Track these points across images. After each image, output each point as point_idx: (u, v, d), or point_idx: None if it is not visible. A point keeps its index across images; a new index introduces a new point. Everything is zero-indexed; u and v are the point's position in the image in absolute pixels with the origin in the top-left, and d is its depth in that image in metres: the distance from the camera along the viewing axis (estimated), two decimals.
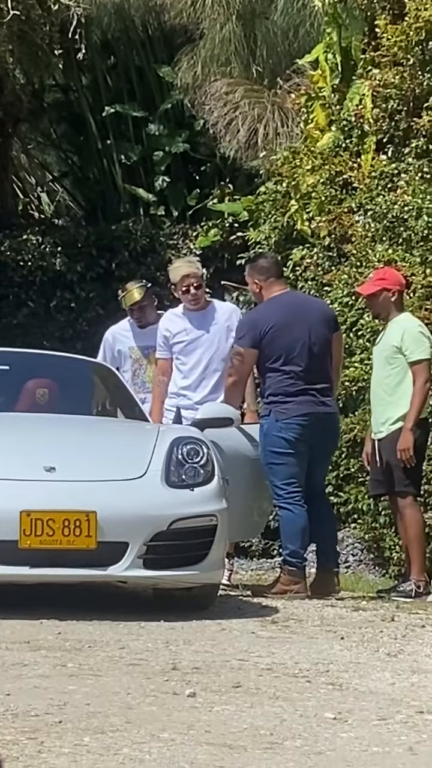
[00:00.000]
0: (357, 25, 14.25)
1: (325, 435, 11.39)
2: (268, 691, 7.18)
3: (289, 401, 11.18)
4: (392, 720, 6.58)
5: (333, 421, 11.46)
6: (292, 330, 11.29)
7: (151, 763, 5.49)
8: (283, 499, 11.20)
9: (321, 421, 11.28)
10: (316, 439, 11.29)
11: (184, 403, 11.97)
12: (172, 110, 17.95)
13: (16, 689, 6.86)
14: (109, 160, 18.36)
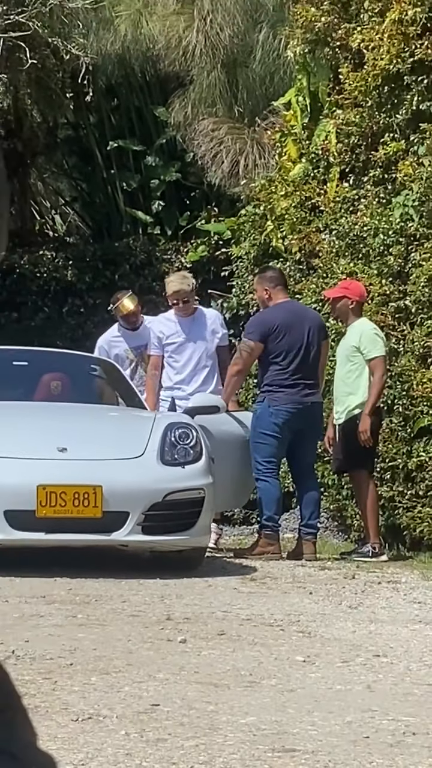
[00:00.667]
0: (323, 73, 14.24)
1: (313, 421, 11.45)
2: (248, 637, 7.17)
3: (282, 391, 11.25)
4: (353, 662, 6.57)
5: (318, 410, 11.51)
6: (293, 332, 11.35)
7: (148, 699, 5.47)
8: (262, 473, 11.24)
9: (308, 408, 11.35)
10: (303, 424, 11.34)
11: (178, 395, 12.01)
12: (167, 145, 17.92)
13: (33, 637, 6.85)
14: (112, 187, 18.33)
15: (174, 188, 18.13)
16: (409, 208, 12.88)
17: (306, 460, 11.65)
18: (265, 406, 11.30)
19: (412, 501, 12.50)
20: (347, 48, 13.70)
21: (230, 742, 4.79)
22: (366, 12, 13.54)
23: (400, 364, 12.52)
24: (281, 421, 11.23)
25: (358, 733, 5.03)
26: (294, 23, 14.46)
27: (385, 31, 13.19)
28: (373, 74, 13.28)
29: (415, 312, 12.62)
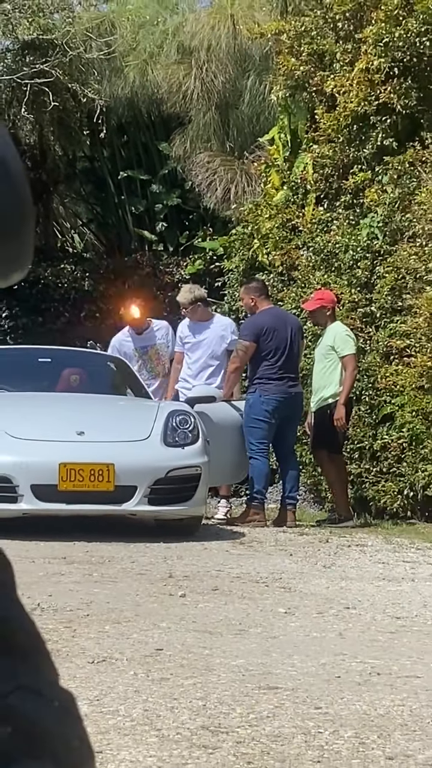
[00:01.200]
0: (302, 113, 14.22)
1: (294, 408, 11.48)
2: (238, 592, 7.17)
3: (271, 383, 11.28)
4: (327, 614, 6.57)
5: (300, 399, 11.52)
6: (279, 333, 11.38)
7: (153, 644, 5.47)
8: (255, 452, 11.27)
9: (292, 398, 11.40)
10: (288, 411, 11.36)
11: (184, 386, 12.03)
12: (169, 174, 17.90)
13: (55, 591, 6.84)
14: (122, 211, 18.31)
15: (175, 211, 18.11)
16: (374, 228, 12.88)
17: (289, 443, 11.67)
18: (257, 396, 11.32)
19: (377, 477, 12.53)
20: (322, 92, 13.70)
21: (223, 681, 4.79)
22: (338, 62, 13.54)
23: (367, 360, 12.54)
24: (271, 408, 11.25)
25: (331, 674, 5.03)
26: (277, 71, 14.45)
27: (354, 78, 13.20)
28: (344, 115, 13.29)
29: (380, 317, 12.63)
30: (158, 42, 17.60)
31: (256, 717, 4.29)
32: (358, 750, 3.95)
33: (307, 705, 4.48)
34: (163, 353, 12.86)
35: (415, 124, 13.20)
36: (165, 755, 3.79)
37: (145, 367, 12.72)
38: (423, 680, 4.98)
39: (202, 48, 17.05)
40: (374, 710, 4.46)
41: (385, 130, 13.10)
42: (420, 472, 11.85)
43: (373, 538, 10.52)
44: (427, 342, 11.71)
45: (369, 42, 13.04)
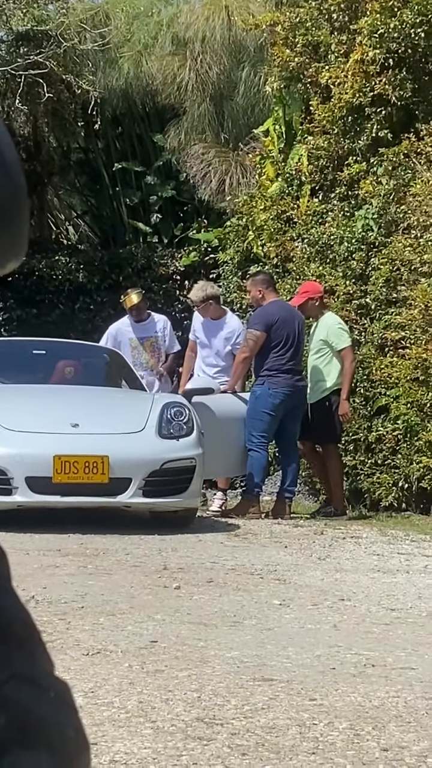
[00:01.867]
0: (296, 105, 14.22)
1: (300, 402, 11.44)
2: (232, 584, 7.18)
3: (280, 376, 11.24)
4: (321, 605, 6.58)
5: (304, 393, 11.47)
6: (287, 325, 11.35)
7: (148, 636, 5.48)
8: (256, 445, 11.25)
9: (298, 392, 11.37)
10: (293, 405, 11.33)
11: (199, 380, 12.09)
12: (163, 166, 17.89)
13: (50, 584, 6.85)
14: (117, 202, 18.31)
15: (170, 203, 18.11)
16: (369, 220, 12.88)
17: (291, 436, 11.60)
18: (265, 389, 11.28)
19: (372, 469, 12.54)
20: (317, 84, 13.69)
21: (218, 673, 4.80)
22: (333, 53, 13.53)
23: (362, 352, 12.54)
24: (279, 401, 11.23)
25: (326, 665, 5.04)
26: (271, 63, 14.44)
27: (349, 70, 13.19)
28: (338, 106, 13.28)
29: (374, 308, 12.64)
30: (153, 33, 17.59)
31: (250, 709, 4.29)
32: (352, 741, 3.96)
33: (301, 697, 4.49)
34: (159, 346, 12.89)
35: (409, 116, 13.20)
36: (160, 747, 3.80)
37: (138, 358, 12.72)
38: (418, 672, 4.99)
39: (197, 39, 17.05)
40: (369, 702, 4.47)
41: (380, 121, 13.10)
42: (415, 463, 11.86)
43: (368, 530, 10.53)
44: (422, 334, 11.72)
45: (364, 33, 13.04)
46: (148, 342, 12.87)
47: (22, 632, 0.96)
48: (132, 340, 12.86)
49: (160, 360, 12.91)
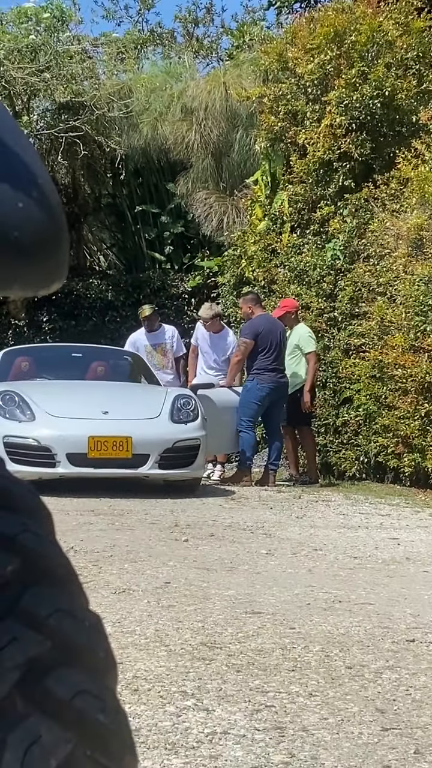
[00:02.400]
0: (279, 160, 14.18)
1: (282, 395, 11.40)
2: (229, 537, 7.18)
3: (266, 374, 11.24)
4: (299, 554, 6.58)
5: (286, 387, 11.42)
6: (272, 334, 11.36)
7: (162, 579, 5.48)
8: (244, 427, 11.25)
9: (281, 387, 11.35)
10: (276, 396, 11.30)
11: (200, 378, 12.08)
12: (175, 208, 17.83)
13: (85, 537, 6.85)
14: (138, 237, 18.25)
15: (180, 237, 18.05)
16: (337, 251, 12.86)
17: (276, 421, 11.57)
18: (254, 383, 11.27)
19: (339, 447, 12.53)
20: (295, 143, 13.67)
21: (218, 608, 4.80)
22: (308, 119, 13.50)
23: (331, 355, 12.54)
24: (264, 393, 11.22)
25: (303, 601, 5.04)
26: (260, 127, 14.41)
27: (321, 132, 13.16)
28: (312, 161, 13.26)
29: (341, 320, 12.62)
30: (166, 103, 17.53)
31: (243, 636, 4.30)
32: (324, 661, 3.97)
33: (284, 626, 4.49)
34: (168, 350, 12.90)
35: (369, 169, 13.17)
36: (172, 665, 3.80)
37: (152, 361, 12.72)
38: (375, 606, 5.00)
39: (201, 108, 17.00)
40: (336, 630, 4.47)
41: (345, 173, 13.07)
42: (372, 443, 11.86)
43: (336, 495, 10.53)
44: (378, 340, 11.71)
45: (332, 103, 13.01)
46: (159, 348, 12.87)
47: (64, 575, 0.96)
48: (146, 347, 12.86)
49: (170, 361, 12.92)
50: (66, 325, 16.91)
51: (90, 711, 0.87)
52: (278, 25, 23.35)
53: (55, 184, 17.91)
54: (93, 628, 0.93)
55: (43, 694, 0.87)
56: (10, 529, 0.93)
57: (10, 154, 0.86)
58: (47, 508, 1.01)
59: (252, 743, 3.02)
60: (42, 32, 16.64)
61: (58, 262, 0.87)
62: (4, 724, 0.84)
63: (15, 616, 0.88)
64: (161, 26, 28.57)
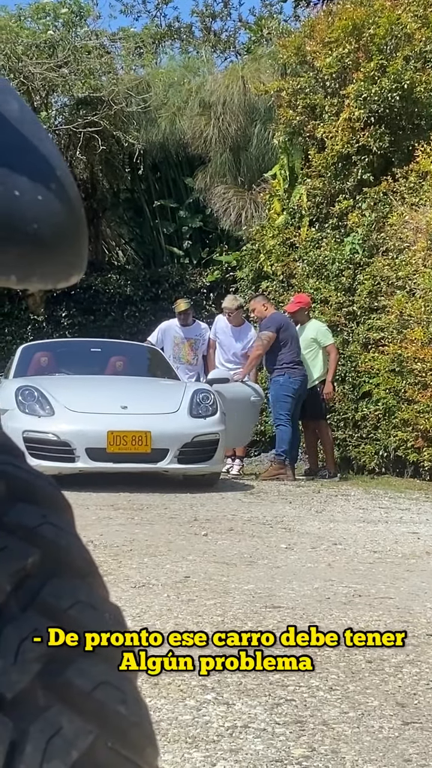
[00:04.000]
0: (298, 154, 14.16)
1: (306, 388, 11.40)
2: (248, 532, 7.18)
3: (296, 368, 11.30)
4: (319, 548, 6.58)
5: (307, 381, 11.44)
6: (290, 328, 11.44)
7: (182, 573, 5.48)
8: (282, 421, 11.26)
9: (305, 380, 11.42)
10: (302, 390, 11.36)
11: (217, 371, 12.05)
12: (193, 203, 17.84)
13: (105, 531, 6.86)
14: (156, 232, 18.26)
15: (198, 232, 18.06)
16: (355, 245, 12.84)
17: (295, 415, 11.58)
18: (286, 378, 11.26)
19: (358, 441, 12.52)
20: (314, 137, 13.65)
21: (237, 602, 4.80)
22: (326, 113, 13.48)
23: (350, 349, 12.52)
24: (296, 386, 11.26)
25: (323, 596, 5.04)
26: (278, 121, 14.40)
27: (339, 126, 13.14)
28: (331, 155, 13.24)
29: (360, 314, 12.60)
30: (184, 98, 17.53)
31: (263, 630, 4.29)
32: (344, 655, 3.96)
33: (303, 620, 4.49)
34: (197, 346, 12.90)
35: (387, 162, 13.14)
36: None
37: (179, 354, 12.73)
38: (395, 600, 4.99)
39: (219, 102, 16.99)
40: (356, 624, 4.47)
41: (364, 167, 13.05)
42: (392, 437, 11.83)
43: (355, 489, 10.52)
44: (397, 334, 11.68)
45: (351, 97, 12.99)
46: (189, 342, 12.87)
47: (84, 567, 0.96)
48: (176, 338, 12.86)
49: (196, 357, 12.92)
50: (85, 320, 16.94)
51: (111, 702, 0.88)
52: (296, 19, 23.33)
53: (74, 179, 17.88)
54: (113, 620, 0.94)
55: (64, 686, 0.87)
56: (31, 521, 0.93)
57: (28, 147, 0.86)
58: (67, 501, 1.01)
59: (272, 737, 3.03)
60: (60, 28, 16.67)
61: (77, 254, 0.87)
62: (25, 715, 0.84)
63: (35, 608, 0.89)
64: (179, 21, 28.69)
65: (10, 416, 9.51)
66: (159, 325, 13.11)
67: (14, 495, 0.95)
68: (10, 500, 0.94)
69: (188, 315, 12.93)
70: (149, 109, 17.09)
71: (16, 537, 0.91)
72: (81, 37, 16.82)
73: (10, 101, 0.89)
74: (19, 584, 0.89)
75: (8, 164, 0.84)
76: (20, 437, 9.31)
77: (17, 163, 0.84)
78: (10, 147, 0.85)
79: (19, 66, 15.96)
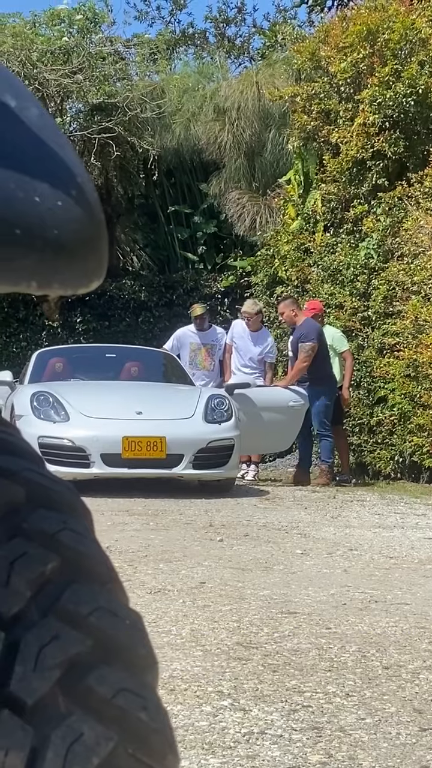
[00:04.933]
0: (312, 159, 14.17)
1: None
2: (264, 537, 7.17)
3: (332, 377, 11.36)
4: (334, 554, 6.56)
5: None
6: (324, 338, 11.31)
7: (198, 578, 5.48)
8: (327, 430, 11.19)
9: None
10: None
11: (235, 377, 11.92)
12: (207, 208, 17.84)
13: (120, 537, 6.86)
14: (171, 237, 18.27)
15: (212, 237, 18.07)
16: (370, 250, 12.83)
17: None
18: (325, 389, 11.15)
19: (373, 446, 12.50)
20: (328, 142, 13.65)
21: (253, 608, 4.80)
22: (341, 118, 13.48)
23: (365, 354, 12.51)
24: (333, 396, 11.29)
25: (339, 601, 5.02)
26: (292, 126, 14.41)
27: (354, 131, 13.14)
28: (345, 160, 13.24)
29: (375, 320, 12.59)
30: (199, 104, 17.55)
31: (279, 636, 4.29)
32: (360, 661, 3.95)
33: (319, 626, 4.48)
34: (214, 352, 12.86)
35: (402, 167, 13.13)
36: (208, 665, 3.80)
37: (195, 360, 12.72)
38: (411, 606, 4.97)
39: (234, 108, 17.00)
40: (373, 630, 4.45)
41: (379, 172, 13.04)
42: (407, 442, 11.81)
43: (371, 494, 10.49)
44: (413, 339, 11.66)
45: (365, 102, 12.98)
46: (206, 347, 12.83)
47: (103, 573, 0.96)
48: (193, 344, 12.82)
49: (213, 363, 12.87)
50: (99, 325, 16.97)
51: (131, 709, 0.88)
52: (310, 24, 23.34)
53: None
54: (133, 626, 0.93)
55: (85, 692, 0.87)
56: (51, 527, 0.93)
57: (48, 152, 0.86)
58: (86, 507, 1.01)
59: (289, 743, 3.02)
60: (75, 34, 16.71)
61: (98, 260, 0.87)
62: (46, 721, 0.84)
63: (55, 614, 0.89)
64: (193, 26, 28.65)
65: (26, 422, 9.53)
66: (174, 333, 13.09)
67: (34, 501, 0.95)
68: (30, 506, 0.94)
69: (204, 320, 12.91)
70: (164, 114, 17.12)
71: (35, 543, 0.91)
72: (96, 44, 16.86)
73: (30, 107, 0.89)
74: (38, 590, 0.89)
75: (28, 171, 0.84)
76: (35, 443, 9.32)
77: (38, 169, 0.85)
78: (31, 153, 0.85)
79: (34, 72, 16.00)
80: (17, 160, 0.84)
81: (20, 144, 0.85)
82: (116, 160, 16.63)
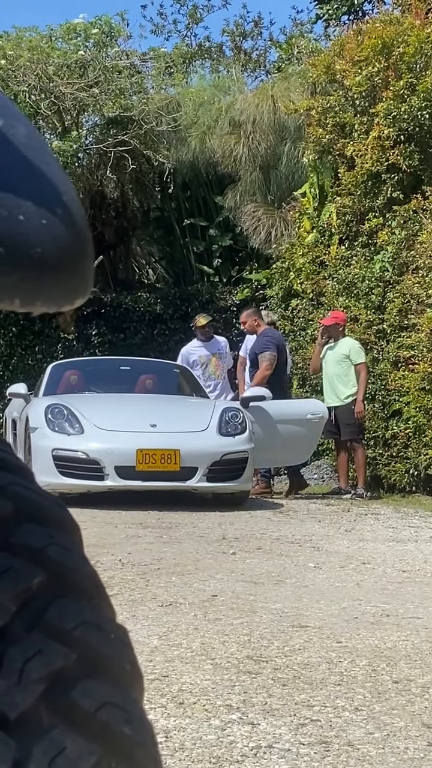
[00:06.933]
0: (327, 172, 14.18)
1: None
2: (277, 551, 7.16)
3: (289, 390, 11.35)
4: (347, 568, 6.56)
5: None
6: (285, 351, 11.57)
7: (210, 591, 5.48)
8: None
9: None
10: None
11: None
12: (223, 221, 17.86)
13: (134, 550, 6.87)
14: (187, 250, 18.30)
15: (228, 250, 18.09)
16: (385, 263, 12.82)
17: None
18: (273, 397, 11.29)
19: (388, 459, 12.46)
20: (343, 156, 13.65)
21: (264, 621, 4.79)
22: (356, 131, 13.49)
23: (380, 367, 12.49)
24: None
25: (350, 615, 5.02)
26: (308, 139, 14.42)
27: (369, 144, 13.15)
28: (360, 173, 13.24)
29: (390, 333, 12.57)
30: (214, 117, 17.59)
31: (290, 649, 4.28)
32: (370, 675, 3.94)
33: (330, 640, 4.47)
34: (221, 361, 12.94)
35: (417, 180, 13.13)
36: (218, 679, 3.80)
37: (206, 372, 12.76)
38: (423, 621, 4.96)
39: (249, 121, 17.03)
40: (384, 644, 4.44)
41: (394, 185, 13.05)
42: (423, 455, 11.78)
43: (385, 508, 10.47)
44: (428, 352, 11.65)
45: (380, 115, 12.99)
46: (214, 357, 12.93)
47: (91, 588, 0.96)
48: (201, 357, 12.90)
49: (224, 371, 12.96)
50: (115, 338, 17.00)
51: (115, 723, 0.88)
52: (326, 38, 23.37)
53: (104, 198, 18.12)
54: (118, 641, 0.94)
55: (69, 706, 0.87)
56: (37, 542, 0.93)
57: (34, 171, 0.87)
58: (75, 521, 1.02)
59: (297, 757, 3.01)
60: (91, 48, 16.77)
61: (82, 277, 0.88)
62: (29, 735, 0.85)
63: (41, 628, 0.89)
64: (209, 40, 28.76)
65: (40, 434, 9.56)
66: (181, 351, 13.19)
67: (21, 515, 0.95)
68: (17, 520, 0.95)
69: (208, 330, 13.01)
70: (179, 128, 17.16)
71: (22, 558, 0.92)
72: (111, 57, 16.92)
73: (18, 126, 0.90)
74: (24, 605, 0.90)
75: (13, 189, 0.85)
76: (50, 455, 9.35)
77: (23, 188, 0.85)
78: (15, 172, 0.86)
79: (50, 86, 16.07)
80: (2, 179, 0.84)
81: (5, 163, 0.86)
82: (132, 173, 16.68)
